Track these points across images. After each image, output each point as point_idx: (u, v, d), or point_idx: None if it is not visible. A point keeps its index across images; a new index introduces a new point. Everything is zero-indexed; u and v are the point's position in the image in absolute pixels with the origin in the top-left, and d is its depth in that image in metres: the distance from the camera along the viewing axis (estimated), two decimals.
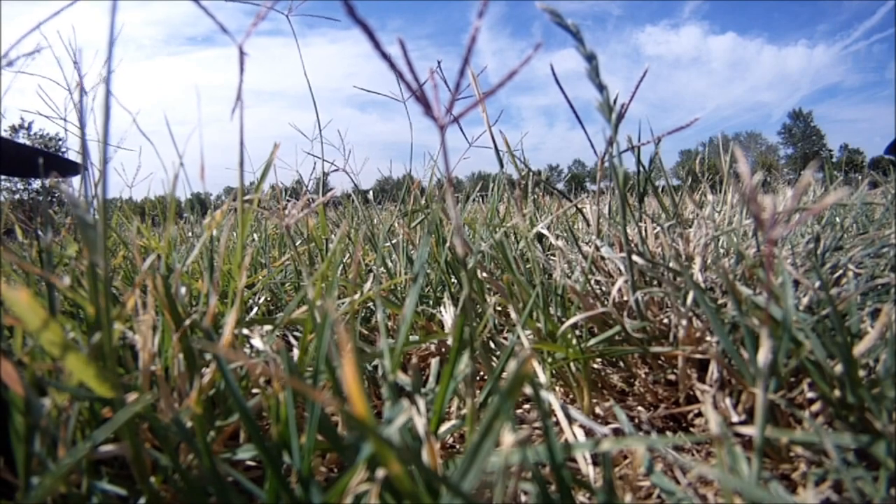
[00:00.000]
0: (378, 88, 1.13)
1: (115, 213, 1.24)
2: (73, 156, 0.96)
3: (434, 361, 0.49)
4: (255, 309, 0.72)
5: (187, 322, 0.38)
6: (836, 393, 0.36)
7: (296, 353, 0.51)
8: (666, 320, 0.55)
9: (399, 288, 0.75)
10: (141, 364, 0.36)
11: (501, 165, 0.82)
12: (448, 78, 0.93)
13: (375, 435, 0.21)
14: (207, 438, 0.33)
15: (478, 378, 0.57)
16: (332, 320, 0.30)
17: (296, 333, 0.67)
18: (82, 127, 0.32)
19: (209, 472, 0.29)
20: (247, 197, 0.47)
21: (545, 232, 0.73)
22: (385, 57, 0.24)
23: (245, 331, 0.49)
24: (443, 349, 0.61)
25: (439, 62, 0.84)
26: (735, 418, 0.42)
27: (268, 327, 0.51)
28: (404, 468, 0.22)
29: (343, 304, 0.60)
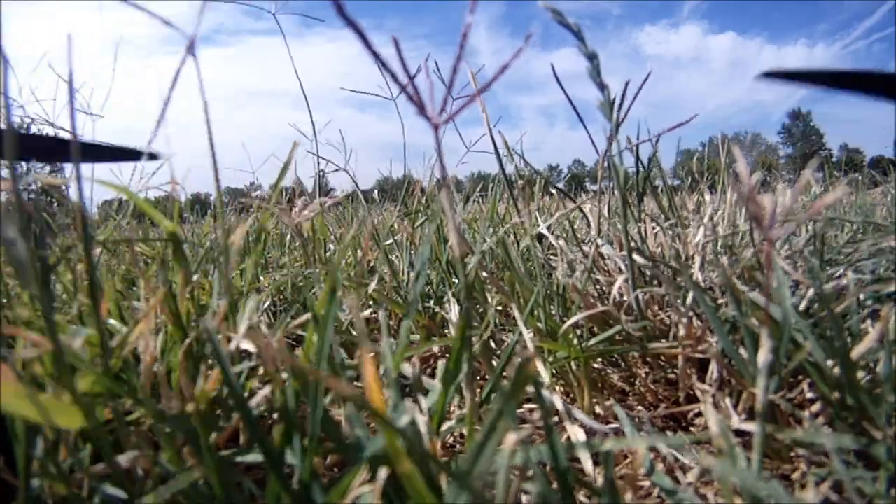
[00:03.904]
0: (375, 88, 1.13)
1: (113, 215, 1.24)
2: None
3: (436, 361, 0.49)
4: (260, 310, 0.72)
5: (193, 336, 0.38)
6: (836, 394, 0.36)
7: (298, 352, 0.51)
8: (666, 319, 0.55)
9: (401, 286, 0.75)
10: (142, 365, 0.36)
11: (501, 166, 0.82)
12: (445, 77, 0.93)
13: (388, 425, 0.21)
14: (210, 439, 0.33)
15: (478, 378, 0.57)
16: (355, 313, 0.31)
17: (298, 333, 0.67)
18: (73, 127, 0.32)
19: (211, 473, 0.29)
20: (257, 194, 0.47)
21: (545, 232, 0.73)
22: (376, 56, 0.23)
23: (248, 331, 0.49)
24: (443, 349, 0.61)
25: (428, 55, 0.84)
26: (735, 418, 0.42)
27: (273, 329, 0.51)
28: (412, 462, 0.22)
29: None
